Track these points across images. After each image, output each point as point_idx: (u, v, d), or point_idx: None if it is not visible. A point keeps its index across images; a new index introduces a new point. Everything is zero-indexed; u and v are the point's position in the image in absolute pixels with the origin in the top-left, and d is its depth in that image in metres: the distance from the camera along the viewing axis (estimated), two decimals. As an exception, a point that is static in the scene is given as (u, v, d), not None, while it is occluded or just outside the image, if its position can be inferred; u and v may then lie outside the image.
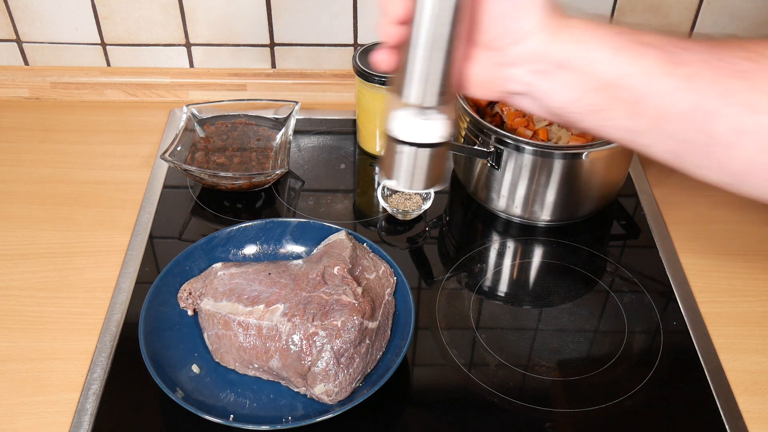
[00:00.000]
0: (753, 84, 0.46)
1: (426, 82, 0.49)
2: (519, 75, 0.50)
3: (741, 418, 0.68)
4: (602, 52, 0.48)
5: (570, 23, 0.49)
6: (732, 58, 0.46)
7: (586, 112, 0.50)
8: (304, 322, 0.67)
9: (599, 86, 0.48)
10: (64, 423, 0.66)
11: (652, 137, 0.49)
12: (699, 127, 0.47)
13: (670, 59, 0.47)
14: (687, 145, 0.48)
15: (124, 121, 1.06)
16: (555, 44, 0.48)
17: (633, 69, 0.47)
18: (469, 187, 0.93)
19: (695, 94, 0.46)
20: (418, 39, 0.47)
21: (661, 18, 1.02)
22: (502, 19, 0.47)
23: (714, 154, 0.48)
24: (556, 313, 0.79)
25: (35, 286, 0.80)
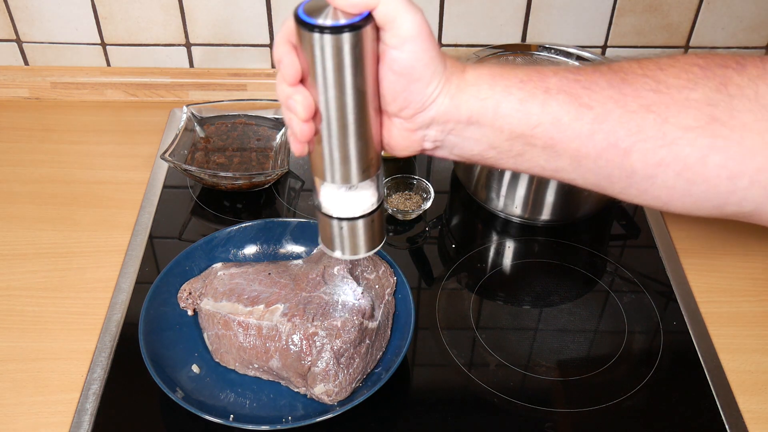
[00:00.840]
0: (662, 117, 0.46)
1: (344, 165, 0.49)
2: (430, 135, 0.50)
3: (741, 418, 0.68)
4: (508, 105, 0.48)
5: (470, 79, 0.49)
6: (638, 91, 0.47)
7: (502, 158, 0.51)
8: (304, 322, 0.67)
9: (510, 137, 0.49)
10: (64, 423, 0.66)
11: (575, 174, 0.50)
12: (617, 163, 0.48)
13: (577, 103, 0.47)
14: (609, 179, 0.50)
15: (124, 121, 1.06)
16: (460, 104, 0.48)
17: (541, 118, 0.48)
18: (469, 187, 0.93)
19: (608, 134, 0.47)
20: (325, 128, 0.47)
21: (661, 18, 1.02)
22: (402, 94, 0.47)
23: (636, 184, 0.49)
24: (556, 313, 0.79)
25: (35, 286, 0.80)
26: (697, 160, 0.47)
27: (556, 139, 0.48)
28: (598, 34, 1.04)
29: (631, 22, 1.02)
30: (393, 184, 0.91)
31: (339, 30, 0.42)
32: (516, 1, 1.00)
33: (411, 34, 0.45)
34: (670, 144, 0.47)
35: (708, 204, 0.49)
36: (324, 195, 0.53)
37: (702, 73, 0.47)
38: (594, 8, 1.01)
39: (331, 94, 0.45)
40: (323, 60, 0.44)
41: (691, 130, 0.46)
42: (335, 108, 0.46)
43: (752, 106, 0.46)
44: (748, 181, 0.47)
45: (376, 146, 0.50)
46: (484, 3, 1.00)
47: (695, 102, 0.46)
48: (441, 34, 1.04)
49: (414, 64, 0.46)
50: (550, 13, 1.01)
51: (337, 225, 0.53)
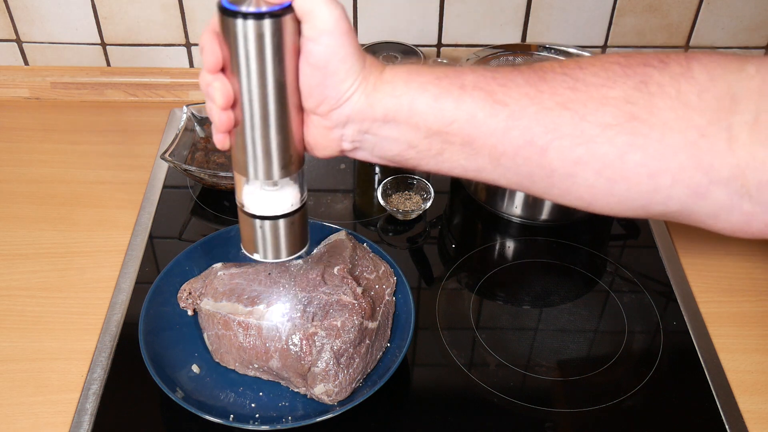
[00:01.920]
0: (579, 114, 0.46)
1: (265, 160, 0.49)
2: (347, 135, 0.50)
3: (741, 418, 0.68)
4: (423, 102, 0.48)
5: (387, 77, 0.49)
6: (555, 89, 0.47)
7: (423, 157, 0.50)
8: (304, 322, 0.67)
9: (428, 134, 0.49)
10: (64, 423, 0.66)
11: (496, 173, 0.50)
12: (536, 161, 0.48)
13: (492, 99, 0.47)
14: (530, 178, 0.49)
15: (124, 121, 1.06)
16: (375, 103, 0.48)
17: (456, 114, 0.47)
18: (469, 187, 0.93)
19: (524, 131, 0.47)
20: (246, 120, 0.48)
21: (661, 18, 1.02)
22: (318, 88, 0.47)
23: (557, 183, 0.49)
24: (556, 313, 0.79)
25: (35, 286, 0.80)
26: (615, 158, 0.46)
27: (472, 136, 0.48)
28: (598, 34, 1.04)
29: (631, 22, 1.02)
30: (393, 184, 0.91)
31: (259, 17, 0.44)
32: (516, 1, 1.00)
33: (328, 28, 0.45)
34: (587, 142, 0.46)
35: (633, 204, 0.48)
36: (246, 193, 0.52)
37: (622, 71, 0.46)
38: (594, 8, 1.01)
39: (250, 83, 0.46)
40: (243, 47, 0.45)
41: (610, 128, 0.46)
42: (255, 98, 0.47)
43: (673, 104, 0.45)
44: (671, 180, 0.46)
45: (297, 143, 0.50)
46: (484, 3, 1.00)
47: (614, 100, 0.46)
48: (441, 34, 1.04)
49: (329, 58, 0.46)
50: (550, 13, 1.01)
51: (258, 224, 0.53)
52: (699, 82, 0.45)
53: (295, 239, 0.55)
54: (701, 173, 0.45)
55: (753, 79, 0.44)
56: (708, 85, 0.45)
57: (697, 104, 0.45)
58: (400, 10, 1.01)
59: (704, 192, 0.46)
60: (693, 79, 0.45)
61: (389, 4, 1.01)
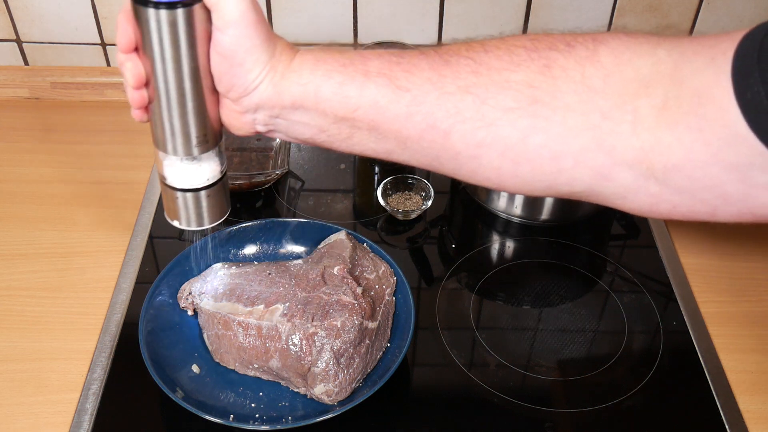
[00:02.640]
0: (480, 98, 0.46)
1: (183, 136, 0.51)
2: (259, 119, 0.52)
3: (741, 418, 0.68)
4: (328, 88, 0.49)
5: (295, 65, 0.49)
6: (458, 73, 0.47)
7: (334, 141, 0.52)
8: (304, 322, 0.67)
9: (335, 120, 0.50)
10: (64, 423, 0.66)
11: (405, 155, 0.51)
12: (440, 144, 0.49)
13: (395, 85, 0.48)
14: (438, 160, 0.50)
15: (124, 121, 1.06)
16: (282, 91, 0.49)
17: (360, 101, 0.48)
18: (469, 187, 0.93)
19: (426, 116, 0.48)
20: (162, 100, 0.49)
21: (661, 18, 1.02)
22: (225, 75, 0.49)
23: (463, 165, 0.50)
24: (556, 313, 0.79)
25: (35, 286, 0.80)
26: (518, 140, 0.47)
27: (377, 122, 0.49)
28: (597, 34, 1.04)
29: (631, 22, 1.02)
30: (393, 184, 0.91)
31: (172, 5, 0.45)
32: (516, 1, 1.00)
33: (234, 19, 0.46)
34: (489, 125, 0.47)
35: (539, 184, 0.49)
36: (166, 166, 0.54)
37: (527, 54, 0.47)
38: (594, 8, 1.01)
39: (164, 67, 0.48)
40: (155, 33, 0.46)
41: (511, 111, 0.46)
42: (169, 80, 0.48)
43: (577, 87, 0.45)
44: (573, 161, 0.46)
45: (213, 121, 0.52)
46: (484, 3, 1.00)
47: (515, 83, 0.46)
48: (441, 34, 1.04)
49: (236, 49, 0.47)
50: (550, 12, 1.01)
51: (180, 196, 0.55)
52: (605, 66, 0.45)
53: (215, 208, 0.57)
54: (603, 154, 0.45)
55: (664, 63, 0.44)
56: (614, 69, 0.45)
57: (601, 88, 0.45)
58: (400, 10, 1.01)
59: (608, 173, 0.46)
60: (599, 63, 0.45)
61: (389, 4, 1.01)
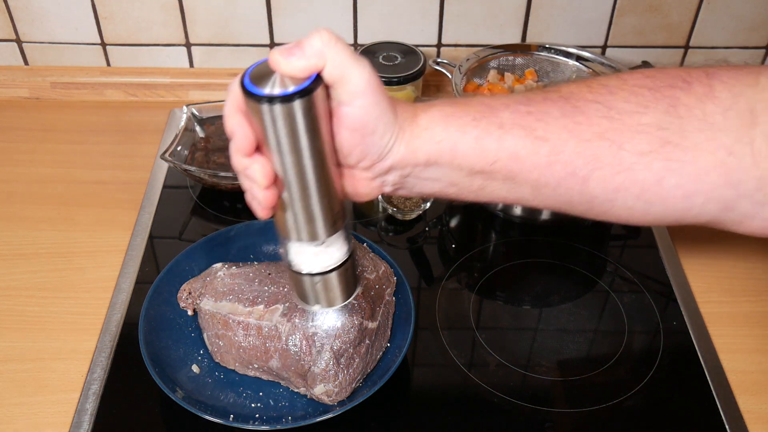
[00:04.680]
0: (617, 143, 0.48)
1: (309, 224, 0.49)
2: (389, 180, 0.51)
3: (741, 418, 0.68)
4: (464, 144, 0.48)
5: (423, 123, 0.49)
6: (591, 119, 0.48)
7: (463, 192, 0.52)
8: (304, 322, 0.67)
9: (470, 173, 0.50)
10: (64, 423, 0.66)
11: (536, 201, 0.52)
12: (578, 190, 0.50)
13: (533, 136, 0.48)
14: (569, 204, 0.52)
15: (124, 121, 1.06)
16: (417, 150, 0.49)
17: (499, 154, 0.49)
18: (469, 187, 0.93)
19: (565, 164, 0.48)
20: (289, 191, 0.47)
21: (661, 18, 1.02)
22: (358, 147, 0.47)
23: (596, 208, 0.51)
24: (556, 313, 0.79)
25: (35, 286, 0.80)
26: (653, 183, 0.48)
27: (515, 172, 0.49)
28: (598, 34, 1.04)
29: (631, 22, 1.02)
30: (393, 184, 0.91)
31: (289, 99, 0.41)
32: (516, 1, 1.00)
33: (361, 89, 0.45)
34: (626, 170, 0.48)
35: (667, 220, 0.51)
36: (293, 253, 0.52)
37: (651, 95, 0.48)
38: (594, 8, 1.01)
39: (289, 160, 0.45)
40: (276, 129, 0.43)
41: (646, 155, 0.47)
42: (294, 172, 0.46)
43: (701, 125, 0.47)
44: (704, 198, 0.48)
45: (339, 200, 0.50)
46: (484, 3, 1.00)
47: (647, 126, 0.47)
48: (441, 34, 1.04)
49: (366, 119, 0.46)
50: (550, 13, 1.01)
51: (309, 281, 0.53)
52: (722, 101, 0.47)
53: (347, 286, 0.55)
54: (731, 189, 0.48)
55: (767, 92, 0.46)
56: (730, 103, 0.47)
57: (722, 124, 0.47)
58: (400, 10, 1.01)
59: (733, 206, 0.49)
60: (716, 99, 0.47)
61: (389, 4, 1.01)
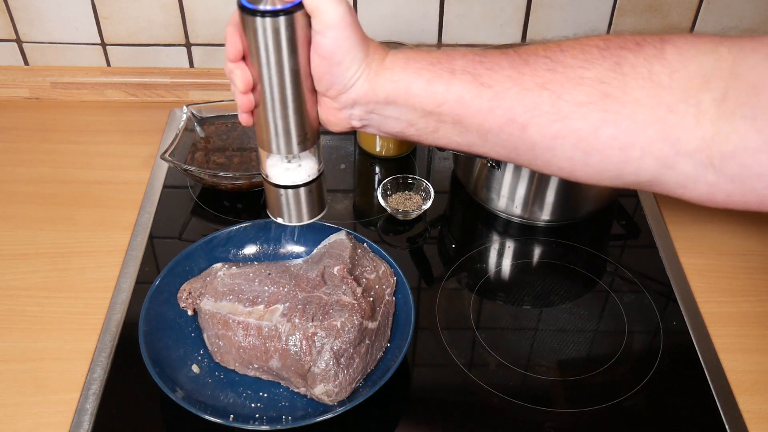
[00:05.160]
0: (557, 93, 0.51)
1: (285, 136, 0.56)
2: (355, 114, 0.56)
3: (741, 418, 0.68)
4: (418, 85, 0.53)
5: (387, 64, 0.54)
6: (536, 71, 0.51)
7: (422, 134, 0.56)
8: (304, 322, 0.67)
9: (423, 114, 0.55)
10: (64, 423, 0.66)
11: (485, 147, 0.56)
12: (518, 136, 0.53)
13: (478, 82, 0.52)
14: (515, 151, 0.55)
15: (124, 121, 1.06)
16: (377, 87, 0.54)
17: (446, 96, 0.53)
18: (469, 187, 0.93)
19: (506, 110, 0.52)
20: (267, 102, 0.54)
21: (661, 18, 1.02)
22: (325, 75, 0.53)
23: (539, 156, 0.54)
24: (556, 313, 0.79)
25: (35, 286, 0.80)
26: (589, 132, 0.50)
27: (461, 116, 0.53)
28: (598, 33, 1.04)
29: (631, 22, 1.02)
30: (393, 184, 0.91)
31: (274, 14, 0.50)
32: (516, 1, 1.00)
33: (333, 22, 0.51)
34: (563, 118, 0.51)
35: (607, 174, 0.53)
36: (269, 165, 0.59)
37: (599, 53, 0.50)
38: (594, 8, 1.01)
39: (269, 71, 0.52)
40: (262, 40, 0.51)
41: (584, 105, 0.50)
42: (273, 84, 0.53)
43: (645, 83, 0.49)
44: (640, 152, 0.50)
45: (312, 121, 0.57)
46: (484, 3, 1.00)
47: (589, 80, 0.50)
48: (441, 34, 1.04)
49: (334, 50, 0.52)
50: (550, 12, 1.01)
51: (282, 193, 0.60)
52: (671, 63, 0.49)
53: (313, 205, 0.62)
54: (668, 145, 0.49)
55: (725, 60, 0.48)
56: (679, 66, 0.48)
57: (668, 83, 0.48)
58: (400, 10, 1.01)
59: (672, 163, 0.50)
60: (665, 60, 0.49)
61: (389, 4, 1.01)
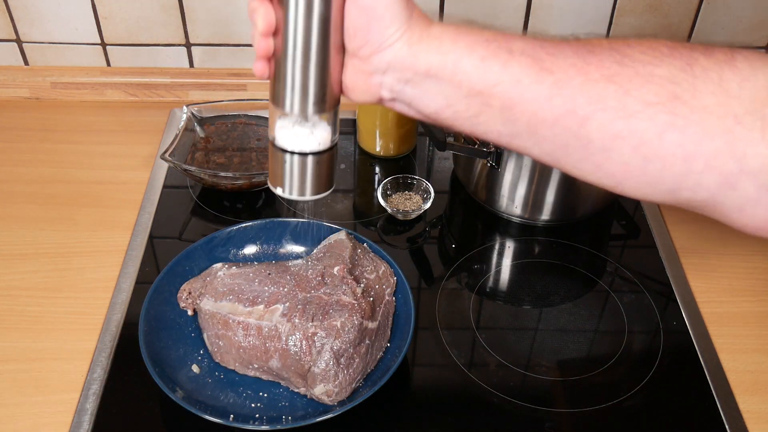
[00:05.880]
0: (624, 89, 0.46)
1: (302, 93, 0.50)
2: (387, 83, 0.50)
3: (741, 418, 0.68)
4: (469, 61, 0.48)
5: (434, 32, 0.49)
6: (603, 61, 0.47)
7: (459, 118, 0.50)
8: (304, 322, 0.67)
9: (469, 94, 0.49)
10: (64, 423, 0.66)
11: (530, 141, 0.50)
12: (574, 131, 0.48)
13: (539, 66, 0.47)
14: (564, 149, 0.49)
15: (124, 121, 1.06)
16: (418, 54, 0.48)
17: (501, 77, 0.47)
18: (469, 187, 0.93)
19: (567, 100, 0.47)
20: (287, 51, 0.48)
21: (661, 18, 1.02)
22: (361, 30, 0.48)
23: (591, 157, 0.49)
24: (556, 313, 0.79)
25: (35, 286, 0.80)
26: (654, 135, 0.46)
27: (514, 100, 0.48)
28: (598, 34, 1.04)
29: (631, 22, 1.02)
30: (393, 184, 0.91)
31: None
32: (516, 1, 1.00)
33: None
34: (628, 116, 0.46)
35: (663, 186, 0.49)
36: (278, 127, 0.52)
37: (669, 52, 0.47)
38: (594, 8, 1.01)
39: (296, 14, 0.47)
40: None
41: (652, 106, 0.46)
42: (298, 30, 0.47)
43: (715, 89, 0.46)
44: (703, 165, 0.46)
45: (334, 82, 0.50)
46: (484, 3, 1.00)
47: (659, 78, 0.46)
48: (441, 34, 1.04)
49: (376, 3, 0.47)
50: (550, 13, 1.01)
51: (287, 159, 0.53)
52: (741, 71, 0.46)
53: (320, 180, 0.54)
54: (734, 161, 0.46)
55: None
56: (749, 75, 0.46)
57: (737, 92, 0.45)
58: (400, 10, 1.01)
59: (734, 182, 0.46)
60: (736, 68, 0.46)
61: (389, 4, 1.00)
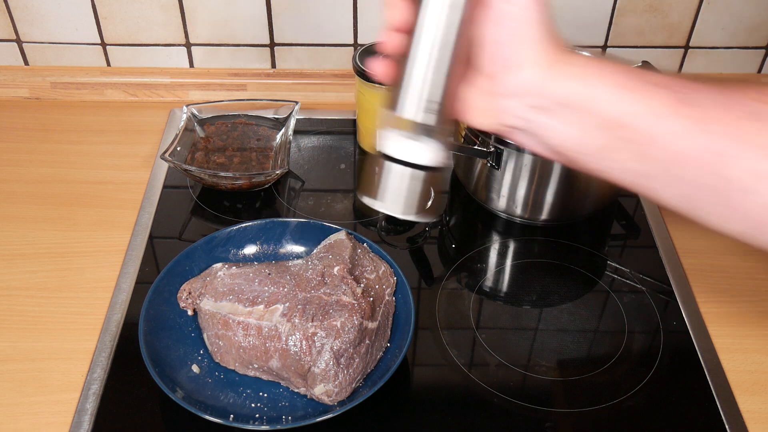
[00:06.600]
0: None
1: (423, 96, 0.48)
2: (515, 108, 0.48)
3: (741, 418, 0.68)
4: (605, 89, 0.45)
5: (571, 59, 0.46)
6: (744, 99, 0.44)
7: (590, 153, 0.48)
8: (304, 322, 0.67)
9: (603, 125, 0.46)
10: (64, 423, 0.66)
11: (663, 181, 0.47)
12: (713, 170, 0.44)
13: (679, 99, 0.44)
14: (700, 190, 0.46)
15: (124, 121, 1.06)
16: (553, 80, 0.46)
17: (639, 108, 0.45)
18: (469, 187, 0.93)
19: (708, 136, 0.44)
20: (418, 49, 0.47)
21: (661, 18, 1.02)
22: (495, 45, 0.46)
23: (729, 199, 0.45)
24: (556, 313, 0.79)
25: (35, 286, 0.80)
26: None
27: (650, 134, 0.45)
28: (598, 34, 1.04)
29: (631, 22, 1.02)
30: (393, 184, 0.91)
31: None
32: (516, 1, 1.00)
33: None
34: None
35: None
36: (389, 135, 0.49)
37: None
38: (594, 8, 1.01)
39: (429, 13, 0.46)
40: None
41: None
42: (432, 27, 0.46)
43: None
44: None
45: (450, 96, 0.48)
46: (484, 3, 1.00)
47: None
48: (441, 34, 1.04)
49: (521, 19, 0.45)
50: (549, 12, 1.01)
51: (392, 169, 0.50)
52: None
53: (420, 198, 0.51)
54: None
55: None
56: None
57: None
58: (400, 10, 1.01)
59: None
60: None
61: (389, 4, 1.00)
